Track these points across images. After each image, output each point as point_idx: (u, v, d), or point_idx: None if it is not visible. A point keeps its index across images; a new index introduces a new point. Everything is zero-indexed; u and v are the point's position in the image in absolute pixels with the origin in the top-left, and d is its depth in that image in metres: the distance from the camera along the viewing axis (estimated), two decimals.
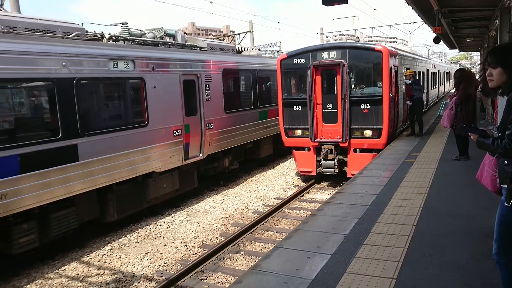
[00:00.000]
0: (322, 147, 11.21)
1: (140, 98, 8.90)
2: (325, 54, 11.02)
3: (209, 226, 8.89)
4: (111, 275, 6.80)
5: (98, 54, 7.91)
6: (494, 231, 2.92)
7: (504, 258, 2.87)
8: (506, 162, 2.75)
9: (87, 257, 7.52)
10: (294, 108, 11.59)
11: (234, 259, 7.15)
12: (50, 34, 7.64)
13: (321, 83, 11.19)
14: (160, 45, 10.50)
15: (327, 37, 37.57)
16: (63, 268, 7.12)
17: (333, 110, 11.07)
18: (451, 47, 32.95)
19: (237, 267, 6.85)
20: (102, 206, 8.40)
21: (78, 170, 7.36)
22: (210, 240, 8.16)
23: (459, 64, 63.45)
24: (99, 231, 8.57)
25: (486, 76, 2.91)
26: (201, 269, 6.76)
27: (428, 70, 19.81)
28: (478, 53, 37.38)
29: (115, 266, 7.15)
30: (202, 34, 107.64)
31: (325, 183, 11.91)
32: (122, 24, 9.99)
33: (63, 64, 7.16)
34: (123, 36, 9.56)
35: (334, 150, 11.10)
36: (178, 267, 6.95)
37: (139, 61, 8.79)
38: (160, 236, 8.49)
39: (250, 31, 25.17)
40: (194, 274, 6.61)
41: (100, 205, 8.34)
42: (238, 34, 26.63)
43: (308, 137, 11.36)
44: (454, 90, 9.39)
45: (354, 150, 10.99)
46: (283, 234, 7.91)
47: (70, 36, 8.03)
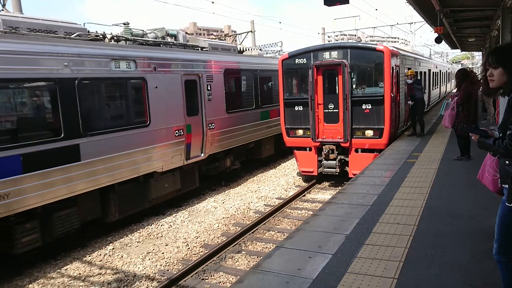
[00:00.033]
0: (324, 147, 11.22)
1: (141, 98, 8.91)
2: (326, 54, 11.02)
3: (210, 226, 8.90)
4: (113, 275, 6.82)
5: (100, 54, 7.92)
6: (495, 231, 2.93)
7: (504, 257, 2.89)
8: (507, 162, 2.76)
9: (89, 256, 7.54)
10: (296, 108, 11.59)
11: (236, 259, 7.16)
12: (52, 34, 7.65)
13: (322, 83, 11.19)
14: (161, 45, 10.50)
15: (329, 37, 37.56)
16: (65, 267, 7.14)
17: (334, 110, 11.07)
18: (453, 47, 32.85)
19: (238, 267, 6.86)
20: (104, 205, 8.42)
21: (80, 170, 7.38)
22: (212, 240, 8.18)
23: (461, 64, 63.20)
24: (101, 231, 8.59)
25: (487, 76, 2.91)
26: (202, 268, 6.77)
27: (429, 70, 19.78)
28: (480, 53, 37.25)
29: (117, 265, 7.17)
30: (204, 34, 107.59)
31: (326, 183, 11.92)
32: (124, 24, 10.00)
33: (65, 64, 7.18)
34: (125, 36, 9.58)
35: (335, 150, 11.11)
36: (180, 267, 6.96)
37: (141, 61, 8.81)
38: (161, 235, 8.51)
39: (251, 31, 25.19)
40: (196, 273, 6.63)
41: (102, 204, 8.36)
42: (239, 34, 26.67)
43: (309, 137, 11.37)
44: (455, 90, 9.38)
45: (356, 150, 11.00)
46: (285, 234, 7.92)
47: (72, 36, 8.04)
